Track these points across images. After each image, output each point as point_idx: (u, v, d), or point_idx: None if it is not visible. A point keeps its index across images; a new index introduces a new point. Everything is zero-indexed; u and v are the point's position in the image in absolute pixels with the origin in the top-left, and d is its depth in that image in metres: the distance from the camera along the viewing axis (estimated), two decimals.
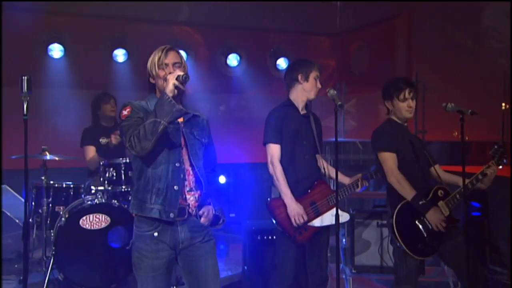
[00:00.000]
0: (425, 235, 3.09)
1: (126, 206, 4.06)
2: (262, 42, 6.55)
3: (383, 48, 6.27)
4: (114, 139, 4.40)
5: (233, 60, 6.38)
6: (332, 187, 3.55)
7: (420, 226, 3.11)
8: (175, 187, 2.50)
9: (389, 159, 3.15)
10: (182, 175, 2.53)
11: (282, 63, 6.49)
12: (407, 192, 3.10)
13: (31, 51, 5.58)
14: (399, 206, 3.13)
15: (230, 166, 6.26)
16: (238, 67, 6.43)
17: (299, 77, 3.44)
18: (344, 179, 3.48)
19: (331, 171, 3.52)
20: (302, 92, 3.45)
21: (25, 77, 2.91)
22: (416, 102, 3.28)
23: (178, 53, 2.63)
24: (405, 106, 3.22)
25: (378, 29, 6.36)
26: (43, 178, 4.20)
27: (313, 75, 3.44)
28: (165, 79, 2.49)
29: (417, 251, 3.08)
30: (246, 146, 6.41)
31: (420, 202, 3.09)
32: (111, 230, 3.99)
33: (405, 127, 3.32)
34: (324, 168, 3.51)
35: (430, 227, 3.10)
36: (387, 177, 3.16)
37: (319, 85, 3.47)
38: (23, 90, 2.90)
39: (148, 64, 2.59)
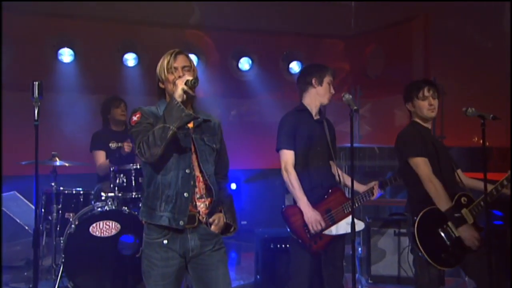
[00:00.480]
0: (448, 244, 3.04)
1: (136, 213, 4.07)
2: (274, 46, 6.57)
3: (400, 50, 6.24)
4: (127, 147, 4.40)
5: (244, 64, 6.43)
6: (347, 194, 3.53)
7: (443, 235, 3.05)
8: (185, 194, 2.51)
9: (423, 165, 3.08)
10: (192, 182, 2.53)
11: (294, 66, 6.54)
12: (443, 201, 3.03)
13: (41, 55, 5.67)
14: (421, 214, 3.06)
15: (242, 172, 6.28)
16: (250, 71, 6.47)
17: (313, 81, 3.45)
18: (358, 187, 3.46)
19: (346, 179, 3.51)
20: (316, 97, 3.46)
21: (37, 82, 2.93)
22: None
23: (187, 56, 2.64)
24: (425, 105, 3.18)
25: (394, 31, 6.34)
26: (53, 184, 4.25)
27: (327, 80, 3.45)
28: (174, 83, 2.51)
29: (440, 261, 3.02)
30: (258, 152, 6.40)
31: (456, 215, 3.02)
32: (121, 237, 4.00)
33: (429, 130, 3.28)
34: (338, 176, 3.50)
35: (454, 236, 3.04)
36: (423, 183, 3.07)
37: (332, 91, 3.47)
38: (34, 95, 2.92)
39: (157, 68, 2.61)
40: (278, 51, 6.56)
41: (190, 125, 2.59)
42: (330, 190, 3.40)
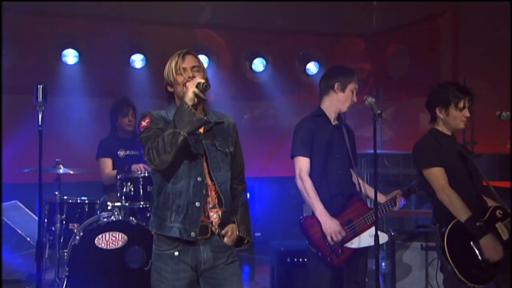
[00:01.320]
0: (480, 259, 3.01)
1: (144, 223, 4.10)
2: (290, 45, 6.56)
3: (426, 50, 6.15)
4: (135, 169, 4.35)
5: (258, 65, 6.43)
6: (369, 204, 3.53)
7: (475, 248, 3.02)
8: (196, 203, 2.52)
9: (437, 175, 3.10)
10: (204, 191, 2.55)
11: (312, 67, 6.50)
12: (461, 212, 3.02)
13: (44, 56, 5.72)
14: (450, 226, 3.05)
15: (256, 180, 6.28)
16: (264, 73, 6.47)
17: (336, 85, 3.44)
18: (380, 198, 3.44)
19: (367, 189, 3.49)
20: (335, 103, 3.46)
21: (41, 86, 2.96)
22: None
23: (196, 56, 2.66)
24: (461, 116, 3.18)
25: (419, 28, 6.29)
26: (56, 193, 4.26)
27: (351, 87, 3.44)
28: (184, 85, 2.54)
29: (472, 277, 2.99)
30: (273, 158, 6.44)
31: (478, 224, 3.01)
32: (128, 249, 4.02)
33: (454, 138, 3.27)
34: (358, 184, 3.49)
35: None
36: (437, 194, 3.10)
37: (354, 99, 3.47)
38: (38, 99, 2.96)
39: (165, 71, 2.63)
40: (294, 51, 6.55)
41: (201, 129, 2.60)
42: (350, 200, 3.39)
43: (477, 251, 3.02)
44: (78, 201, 4.39)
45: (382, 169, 5.39)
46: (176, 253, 2.53)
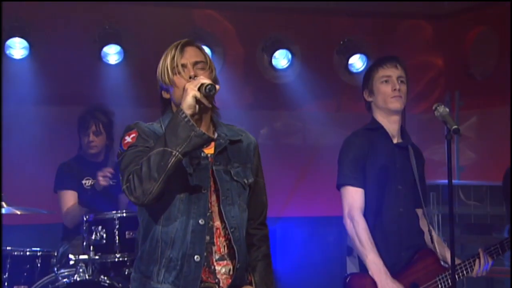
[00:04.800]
0: None
1: (121, 285, 4.09)
2: (326, 32, 6.51)
3: None
4: (103, 179, 4.49)
5: (281, 59, 6.41)
6: (442, 262, 3.54)
7: None
8: (195, 257, 2.56)
9: None
10: (208, 237, 2.59)
11: (356, 62, 6.45)
12: None
13: None
14: None
15: (278, 221, 6.24)
16: (288, 70, 6.45)
17: (365, 94, 3.59)
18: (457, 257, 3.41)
19: (439, 244, 3.54)
20: (379, 113, 3.56)
21: None
22: None
23: (200, 49, 2.72)
24: None
25: None
26: None
27: (378, 78, 3.51)
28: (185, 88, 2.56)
29: None
30: (302, 190, 6.41)
31: None
32: None
33: None
34: (428, 231, 3.54)
35: None
36: None
37: (396, 86, 3.45)
38: None
39: (158, 70, 2.69)
40: (331, 40, 6.48)
41: (209, 149, 2.65)
42: (417, 254, 3.43)
43: None
44: (28, 253, 4.36)
45: (460, 208, 5.33)
46: None
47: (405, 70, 3.57)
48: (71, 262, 4.20)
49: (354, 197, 3.41)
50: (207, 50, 5.99)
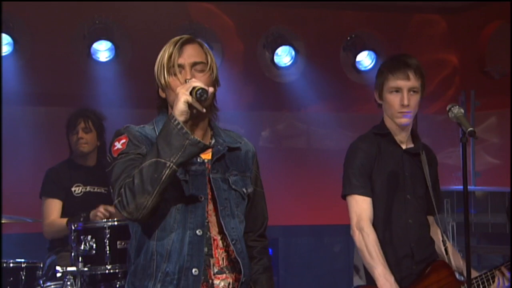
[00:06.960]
0: None
1: None
2: (331, 27, 6.56)
3: None
4: (101, 214, 4.40)
5: (283, 56, 6.41)
6: (457, 275, 3.53)
7: None
8: (193, 270, 2.56)
9: None
10: (206, 249, 2.60)
11: (365, 59, 6.48)
12: None
13: None
14: None
15: (280, 230, 6.19)
16: (292, 68, 6.46)
17: (376, 95, 3.54)
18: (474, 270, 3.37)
19: (454, 254, 3.51)
20: (388, 119, 3.52)
21: None
22: None
23: (201, 46, 2.68)
24: None
25: None
26: None
27: (387, 88, 3.44)
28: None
29: None
30: (305, 197, 6.37)
31: None
32: None
33: None
34: (442, 241, 3.52)
35: None
36: None
37: (405, 102, 3.38)
38: None
39: (156, 67, 2.67)
40: (337, 35, 6.52)
41: (206, 155, 2.63)
42: (430, 267, 3.42)
43: None
44: (11, 264, 4.32)
45: (477, 216, 5.32)
46: None
47: (421, 76, 3.46)
48: (58, 274, 4.16)
49: (362, 207, 3.40)
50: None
